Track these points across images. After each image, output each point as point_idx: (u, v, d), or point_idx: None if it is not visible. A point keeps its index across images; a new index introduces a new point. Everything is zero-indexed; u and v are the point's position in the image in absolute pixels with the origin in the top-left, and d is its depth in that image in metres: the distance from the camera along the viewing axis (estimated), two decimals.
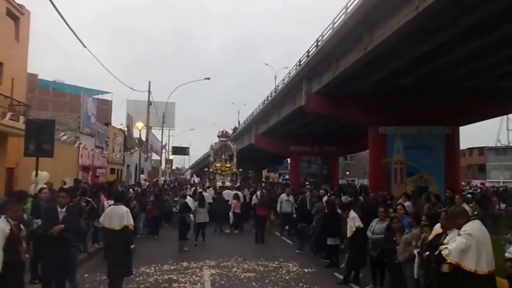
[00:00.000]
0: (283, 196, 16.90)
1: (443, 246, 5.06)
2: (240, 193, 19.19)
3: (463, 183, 36.99)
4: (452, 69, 19.62)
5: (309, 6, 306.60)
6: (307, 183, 32.00)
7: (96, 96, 33.84)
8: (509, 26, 14.38)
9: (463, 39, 15.78)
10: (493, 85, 22.04)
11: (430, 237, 5.86)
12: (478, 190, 34.84)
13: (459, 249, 4.87)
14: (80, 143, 20.91)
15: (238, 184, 24.67)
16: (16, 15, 18.48)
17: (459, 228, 5.09)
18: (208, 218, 14.60)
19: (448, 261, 4.90)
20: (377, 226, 8.63)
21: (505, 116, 55.98)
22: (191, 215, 13.82)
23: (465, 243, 4.86)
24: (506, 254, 5.09)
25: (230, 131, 39.56)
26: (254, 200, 18.58)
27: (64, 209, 6.85)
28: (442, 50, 17.06)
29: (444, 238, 5.42)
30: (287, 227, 16.67)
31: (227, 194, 19.28)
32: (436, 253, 5.10)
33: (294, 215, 15.58)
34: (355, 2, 16.89)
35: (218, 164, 26.28)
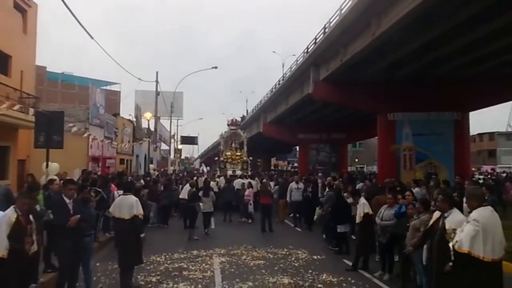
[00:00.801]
0: (293, 184, 16.45)
1: (453, 242, 5.05)
2: (253, 182, 19.17)
3: (473, 168, 36.75)
4: (461, 54, 19.39)
5: None
6: (319, 170, 31.88)
7: (105, 87, 34.10)
8: None
9: (472, 24, 15.56)
10: (502, 70, 21.76)
11: (431, 222, 5.88)
12: (489, 176, 34.56)
13: (469, 236, 4.86)
14: (89, 134, 21.07)
15: (250, 172, 24.53)
16: (24, 8, 18.54)
17: (472, 209, 5.10)
18: (212, 208, 14.36)
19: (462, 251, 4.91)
20: (385, 212, 8.64)
21: None
22: (200, 204, 13.86)
23: (474, 229, 4.86)
24: None
25: (239, 120, 39.58)
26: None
27: (71, 200, 6.96)
28: (451, 35, 16.85)
29: (443, 221, 5.46)
30: (297, 215, 16.37)
31: (238, 183, 19.20)
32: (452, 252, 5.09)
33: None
34: None
35: (229, 153, 26.04)
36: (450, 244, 5.09)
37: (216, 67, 38.26)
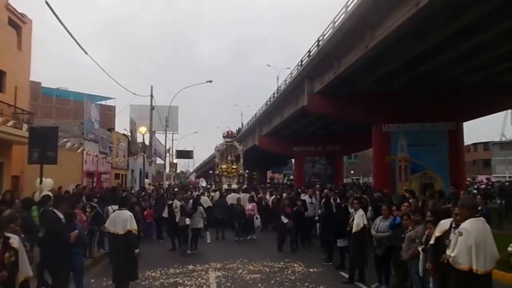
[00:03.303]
0: (306, 198, 14.81)
1: (448, 255, 5.04)
2: (254, 195, 18.42)
3: (468, 178, 36.84)
4: (453, 65, 19.60)
5: (308, 9, 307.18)
6: (317, 182, 31.46)
7: (99, 102, 34.04)
8: (509, 21, 14.39)
9: (464, 35, 15.76)
10: (495, 80, 21.99)
11: (437, 234, 5.74)
12: (484, 186, 34.64)
13: (464, 251, 4.86)
14: (84, 149, 20.99)
15: (245, 186, 23.62)
16: (18, 24, 18.60)
17: (462, 221, 5.09)
18: (201, 224, 13.68)
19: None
20: (381, 224, 8.60)
21: (509, 111, 55.57)
22: (187, 219, 13.21)
23: (466, 243, 4.85)
24: (509, 249, 5.07)
25: (235, 132, 39.32)
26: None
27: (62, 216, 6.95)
28: (443, 47, 17.04)
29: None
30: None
31: (231, 197, 17.75)
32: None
33: (316, 218, 13.88)
34: (355, 1, 16.92)
35: (224, 166, 25.43)
36: (448, 251, 5.07)
37: (211, 81, 38.24)
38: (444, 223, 5.78)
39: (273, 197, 18.27)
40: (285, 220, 13.24)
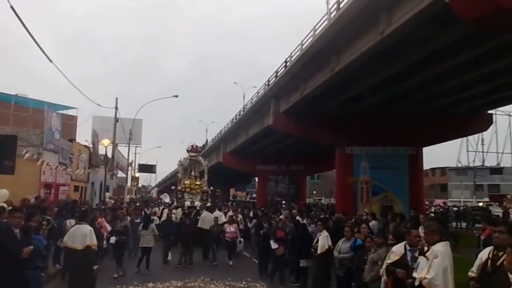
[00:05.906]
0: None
1: (422, 277, 5.09)
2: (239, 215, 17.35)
3: (426, 202, 37.88)
4: (415, 92, 20.31)
5: (274, 28, 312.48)
6: (283, 201, 31.45)
7: (61, 111, 33.07)
8: (467, 53, 15.11)
9: (425, 64, 16.39)
10: (454, 109, 22.94)
11: (395, 258, 5.90)
12: (441, 210, 35.65)
13: (441, 273, 4.97)
14: (43, 160, 20.27)
15: (209, 204, 22.21)
16: None
17: (431, 244, 5.23)
18: (152, 243, 12.78)
19: None
20: (343, 245, 8.68)
21: (465, 138, 57.98)
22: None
23: (443, 265, 5.00)
24: (469, 273, 5.23)
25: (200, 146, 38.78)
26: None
27: (17, 229, 6.61)
28: (406, 74, 17.65)
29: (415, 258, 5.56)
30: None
31: (208, 219, 15.65)
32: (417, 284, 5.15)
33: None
34: (323, 25, 17.35)
35: (187, 182, 24.51)
36: (415, 274, 5.19)
37: (177, 96, 37.94)
38: (398, 247, 5.99)
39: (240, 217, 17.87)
40: (274, 245, 11.46)
